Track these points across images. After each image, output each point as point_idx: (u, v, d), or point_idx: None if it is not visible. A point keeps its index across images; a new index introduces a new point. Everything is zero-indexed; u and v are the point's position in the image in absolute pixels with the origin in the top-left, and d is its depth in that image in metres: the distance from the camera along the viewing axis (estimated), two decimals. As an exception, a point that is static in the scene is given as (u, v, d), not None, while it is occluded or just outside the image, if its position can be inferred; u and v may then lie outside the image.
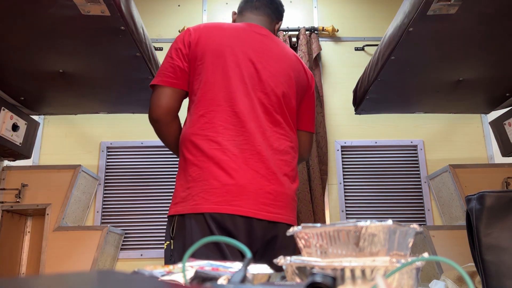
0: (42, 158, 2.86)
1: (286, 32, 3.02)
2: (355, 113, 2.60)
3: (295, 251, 1.23)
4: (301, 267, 0.40)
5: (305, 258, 0.41)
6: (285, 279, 0.44)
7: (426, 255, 0.40)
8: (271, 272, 0.45)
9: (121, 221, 2.76)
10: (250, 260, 0.37)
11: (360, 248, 0.39)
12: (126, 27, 1.56)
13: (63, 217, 2.38)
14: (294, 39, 3.02)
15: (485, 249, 0.88)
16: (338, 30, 3.11)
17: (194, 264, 0.45)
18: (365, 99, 2.32)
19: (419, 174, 2.86)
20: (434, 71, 1.99)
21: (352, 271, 0.37)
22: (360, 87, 2.36)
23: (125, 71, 1.94)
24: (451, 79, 2.06)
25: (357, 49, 3.10)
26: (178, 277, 0.39)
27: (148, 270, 0.43)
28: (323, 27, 3.07)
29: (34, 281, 0.27)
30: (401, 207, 2.82)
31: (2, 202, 2.38)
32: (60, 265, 2.26)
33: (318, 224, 0.41)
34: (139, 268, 0.44)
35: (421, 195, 2.83)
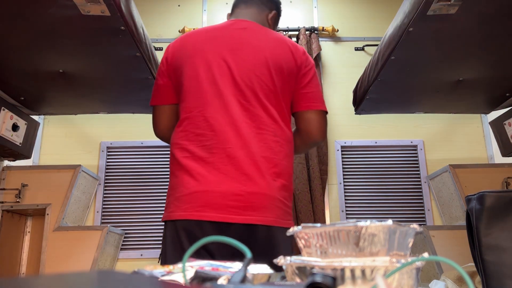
0: (42, 158, 2.86)
1: (286, 32, 3.02)
2: (355, 113, 2.60)
3: (275, 255, 1.10)
4: (301, 267, 0.40)
5: (305, 258, 0.41)
6: (285, 279, 0.44)
7: (426, 255, 0.40)
8: (271, 272, 0.45)
9: (121, 221, 2.76)
10: (250, 260, 0.37)
11: (360, 248, 0.39)
12: (126, 27, 1.56)
13: (63, 217, 2.38)
14: (294, 39, 3.02)
15: (485, 249, 0.88)
16: (338, 30, 3.11)
17: (194, 264, 0.45)
18: (365, 99, 2.32)
19: (419, 174, 2.87)
20: (434, 71, 1.99)
21: (352, 271, 0.37)
22: (360, 87, 2.36)
23: (125, 71, 1.94)
24: (451, 79, 2.06)
25: (357, 49, 3.10)
26: (178, 277, 0.39)
27: (148, 270, 0.43)
28: (323, 27, 3.07)
29: (34, 281, 0.27)
30: (401, 207, 2.82)
31: (2, 202, 2.38)
32: (60, 265, 2.26)
33: (318, 224, 0.41)
34: (139, 268, 0.44)
35: (421, 195, 2.83)
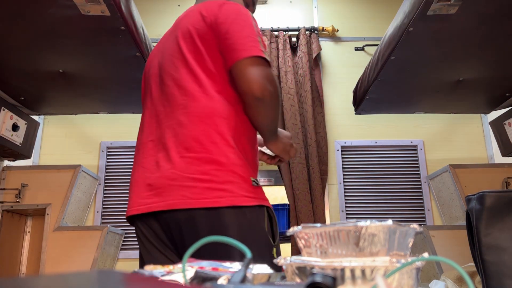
0: (42, 158, 2.86)
1: (286, 32, 3.02)
2: (355, 113, 2.60)
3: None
4: (301, 267, 0.40)
5: (305, 258, 0.41)
6: (285, 279, 0.44)
7: (426, 255, 0.40)
8: (271, 272, 0.45)
9: (121, 221, 2.75)
10: (250, 260, 0.37)
11: (360, 248, 0.39)
12: (126, 27, 1.56)
13: (63, 217, 2.38)
14: (294, 39, 3.02)
15: (485, 249, 0.88)
16: (338, 30, 3.11)
17: (194, 264, 0.45)
18: (365, 99, 2.32)
19: (419, 174, 2.87)
20: (434, 71, 1.99)
21: (352, 271, 0.37)
22: (360, 87, 2.36)
23: (125, 71, 1.95)
24: (451, 79, 2.06)
25: (357, 49, 3.10)
26: (178, 277, 0.39)
27: (148, 270, 0.43)
28: (323, 27, 3.07)
29: (34, 281, 0.27)
30: (401, 207, 2.82)
31: (2, 202, 2.38)
32: (60, 265, 2.26)
33: (318, 224, 0.41)
34: (139, 268, 0.44)
35: (421, 195, 2.83)
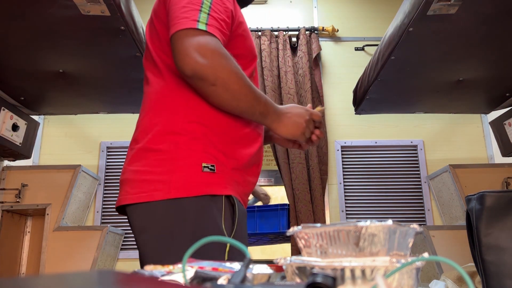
0: (42, 158, 2.86)
1: (286, 32, 3.02)
2: (355, 113, 2.60)
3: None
4: (301, 267, 0.40)
5: (305, 258, 0.41)
6: (285, 279, 0.44)
7: (426, 255, 0.40)
8: (271, 272, 0.45)
9: (121, 221, 2.75)
10: (250, 260, 0.37)
11: (360, 248, 0.39)
12: (126, 27, 1.56)
13: (63, 217, 2.38)
14: (294, 39, 3.02)
15: (485, 249, 0.88)
16: (338, 30, 3.11)
17: (194, 264, 0.45)
18: (365, 99, 2.32)
19: (419, 174, 2.87)
20: (434, 71, 1.99)
21: (352, 271, 0.37)
22: (360, 87, 2.36)
23: (125, 71, 1.95)
24: (451, 79, 2.06)
25: (357, 49, 3.10)
26: (178, 277, 0.39)
27: (148, 270, 0.43)
28: (323, 27, 3.07)
29: (34, 281, 0.27)
30: (401, 207, 2.82)
31: (2, 202, 2.38)
32: (60, 265, 2.26)
33: (318, 224, 0.41)
34: (139, 268, 0.44)
35: (421, 195, 2.83)
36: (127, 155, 0.98)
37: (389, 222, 0.39)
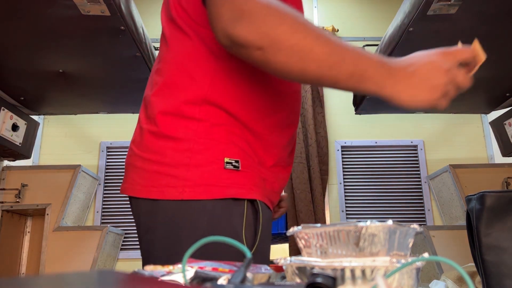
0: (42, 158, 2.86)
1: (286, 32, 3.02)
2: (355, 113, 2.60)
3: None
4: (301, 267, 0.40)
5: (305, 258, 0.41)
6: (285, 279, 0.44)
7: (426, 255, 0.40)
8: (271, 272, 0.45)
9: (121, 221, 2.75)
10: (250, 260, 0.37)
11: (360, 248, 0.39)
12: (126, 27, 1.56)
13: (63, 217, 2.38)
14: (294, 39, 3.02)
15: (485, 249, 0.88)
16: (338, 30, 3.11)
17: (194, 264, 0.45)
18: (365, 99, 2.32)
19: (419, 174, 2.87)
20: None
21: (352, 271, 0.37)
22: (360, 87, 2.36)
23: (125, 71, 1.94)
24: (451, 79, 2.05)
25: (357, 49, 3.10)
26: (178, 277, 0.39)
27: (148, 270, 0.43)
28: (323, 27, 3.07)
29: (34, 281, 0.27)
30: (401, 207, 2.82)
31: (2, 202, 2.38)
32: (60, 265, 2.26)
33: (318, 224, 0.41)
34: (139, 268, 0.44)
35: (421, 195, 2.83)
36: (135, 133, 0.83)
37: (389, 222, 0.39)
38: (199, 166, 0.74)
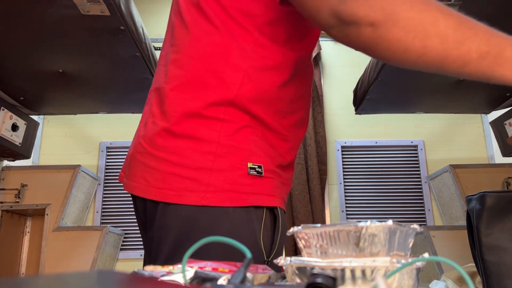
0: (42, 158, 2.85)
1: (286, 32, 3.02)
2: (355, 113, 2.60)
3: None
4: (301, 268, 0.40)
5: (305, 259, 0.41)
6: (285, 280, 0.44)
7: (427, 256, 0.40)
8: (271, 272, 0.45)
9: (121, 221, 2.75)
10: (250, 260, 0.37)
11: (360, 249, 0.39)
12: (126, 27, 1.56)
13: (63, 217, 2.37)
14: (294, 39, 3.02)
15: (486, 249, 0.88)
16: (338, 30, 3.11)
17: (194, 264, 0.45)
18: (365, 99, 2.32)
19: (420, 174, 2.86)
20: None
21: (353, 272, 0.37)
22: (360, 87, 2.36)
23: (125, 71, 1.94)
24: (451, 79, 2.05)
25: (357, 49, 3.10)
26: (178, 277, 0.39)
27: (148, 270, 0.43)
28: (323, 27, 3.07)
29: (34, 281, 0.27)
30: (402, 207, 2.82)
31: (2, 202, 2.38)
32: (60, 265, 2.26)
33: (318, 225, 0.41)
34: (139, 268, 0.44)
35: (422, 195, 2.83)
36: (147, 128, 0.76)
37: (390, 222, 0.39)
38: (222, 171, 0.70)
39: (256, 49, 0.72)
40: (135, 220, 2.76)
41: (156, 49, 2.98)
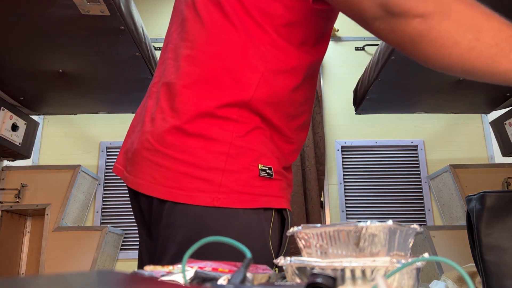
0: (42, 158, 2.85)
1: (286, 32, 3.02)
2: (355, 113, 2.60)
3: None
4: (301, 268, 0.40)
5: (305, 259, 0.41)
6: (285, 280, 0.44)
7: (427, 256, 0.40)
8: (271, 272, 0.45)
9: (121, 221, 2.75)
10: (250, 260, 0.37)
11: (360, 249, 0.39)
12: (126, 27, 1.56)
13: (63, 217, 2.37)
14: (294, 39, 3.02)
15: (486, 249, 0.88)
16: (338, 30, 3.11)
17: (194, 264, 0.45)
18: (365, 99, 2.32)
19: (420, 174, 2.86)
20: (434, 71, 1.98)
21: (353, 272, 0.37)
22: (360, 87, 2.36)
23: (125, 71, 1.94)
24: (451, 79, 2.05)
25: (357, 49, 3.10)
26: (178, 277, 0.39)
27: (148, 270, 0.43)
28: (323, 27, 3.07)
29: (34, 281, 0.27)
30: (402, 207, 2.82)
31: (2, 202, 2.38)
32: (60, 265, 2.26)
33: (318, 225, 0.41)
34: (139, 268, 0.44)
35: (422, 195, 2.82)
36: (154, 123, 0.74)
37: (390, 222, 0.39)
38: (234, 172, 0.69)
39: (273, 51, 0.71)
40: (135, 220, 2.76)
41: (156, 49, 2.98)
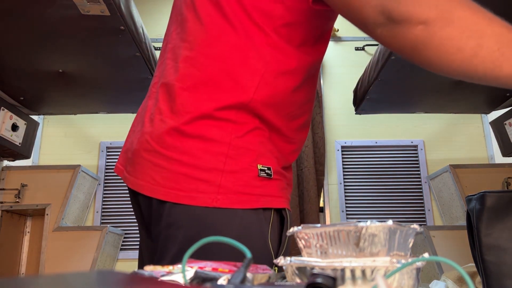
0: (42, 158, 2.85)
1: (286, 32, 3.02)
2: (355, 113, 2.60)
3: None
4: (301, 268, 0.40)
5: (305, 259, 0.41)
6: (285, 280, 0.44)
7: (427, 256, 0.40)
8: (271, 272, 0.45)
9: (121, 221, 2.75)
10: (250, 260, 0.37)
11: (360, 249, 0.39)
12: (126, 27, 1.56)
13: (63, 217, 2.37)
14: (294, 39, 3.02)
15: (486, 249, 0.88)
16: (338, 30, 3.11)
17: (194, 264, 0.45)
18: (365, 99, 2.32)
19: (420, 174, 2.86)
20: (434, 71, 1.98)
21: (353, 272, 0.37)
22: (360, 87, 2.36)
23: (125, 71, 1.94)
24: (451, 79, 2.05)
25: (357, 49, 3.10)
26: (178, 277, 0.39)
27: (148, 270, 0.43)
28: (323, 27, 3.07)
29: (34, 281, 0.27)
30: (402, 207, 2.82)
31: (2, 202, 2.38)
32: (60, 265, 2.26)
33: (318, 225, 0.41)
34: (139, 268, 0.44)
35: (422, 195, 2.82)
36: (153, 124, 0.74)
37: (390, 222, 0.39)
38: (234, 172, 0.69)
39: (273, 53, 0.71)
40: (135, 220, 2.76)
41: (156, 49, 2.98)
